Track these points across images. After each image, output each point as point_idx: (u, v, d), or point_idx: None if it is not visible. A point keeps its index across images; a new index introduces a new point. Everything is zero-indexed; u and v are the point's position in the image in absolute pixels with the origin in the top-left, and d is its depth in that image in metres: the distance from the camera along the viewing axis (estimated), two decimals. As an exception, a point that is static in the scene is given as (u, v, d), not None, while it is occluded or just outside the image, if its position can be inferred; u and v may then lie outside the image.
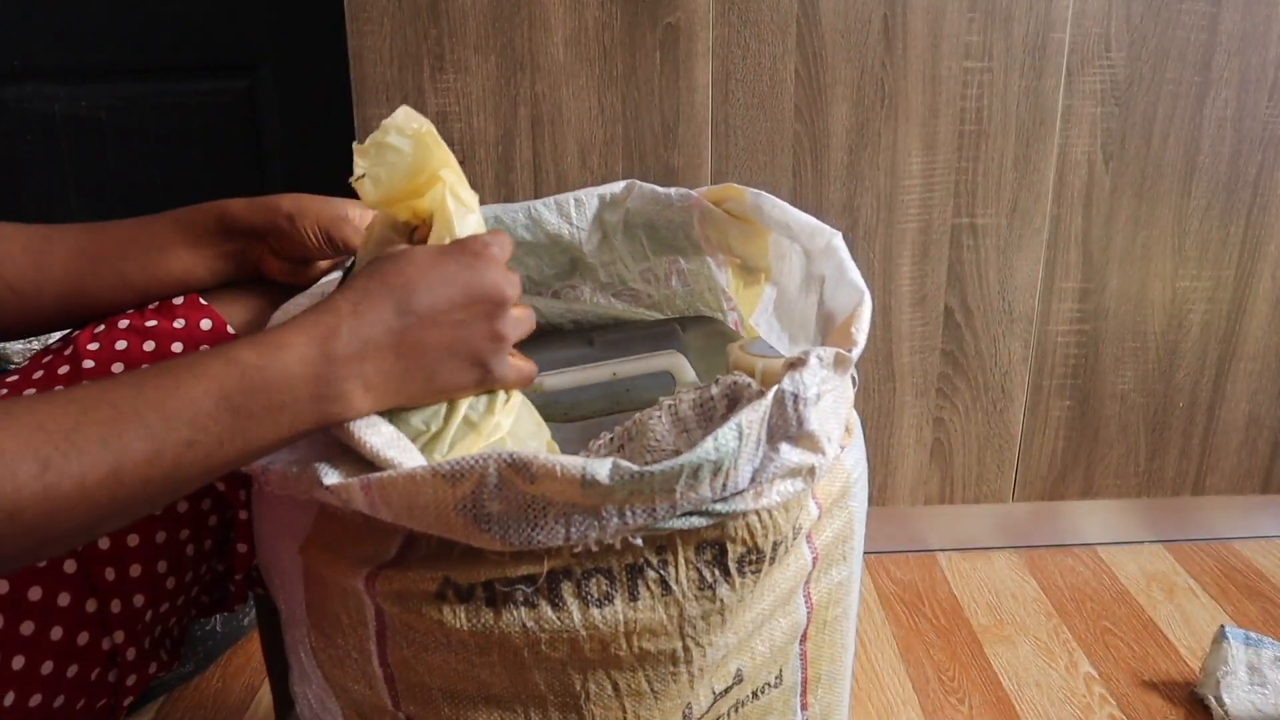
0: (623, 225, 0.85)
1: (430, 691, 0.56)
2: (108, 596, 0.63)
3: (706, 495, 0.52)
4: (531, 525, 0.51)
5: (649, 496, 0.50)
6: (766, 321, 0.83)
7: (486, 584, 0.53)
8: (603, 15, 1.19)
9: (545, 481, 0.50)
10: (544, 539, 0.51)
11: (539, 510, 0.50)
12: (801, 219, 0.75)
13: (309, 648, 0.60)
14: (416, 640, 0.55)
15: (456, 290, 0.55)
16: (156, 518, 0.66)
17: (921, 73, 1.23)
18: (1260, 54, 1.25)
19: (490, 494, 0.50)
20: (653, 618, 0.54)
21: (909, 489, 1.41)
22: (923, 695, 1.15)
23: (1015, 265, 1.31)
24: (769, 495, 0.54)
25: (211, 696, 1.14)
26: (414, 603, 0.54)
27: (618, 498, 0.50)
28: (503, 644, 0.53)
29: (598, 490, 0.49)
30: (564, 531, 0.51)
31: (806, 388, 0.54)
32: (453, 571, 0.53)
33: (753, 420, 0.52)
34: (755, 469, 0.53)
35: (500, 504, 0.50)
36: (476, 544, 0.51)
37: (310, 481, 0.52)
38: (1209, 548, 1.47)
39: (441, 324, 0.55)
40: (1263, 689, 1.09)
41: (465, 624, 0.53)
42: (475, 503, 0.50)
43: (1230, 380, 1.39)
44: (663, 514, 0.51)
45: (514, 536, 0.51)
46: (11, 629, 0.59)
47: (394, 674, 0.56)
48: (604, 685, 0.55)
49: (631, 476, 0.49)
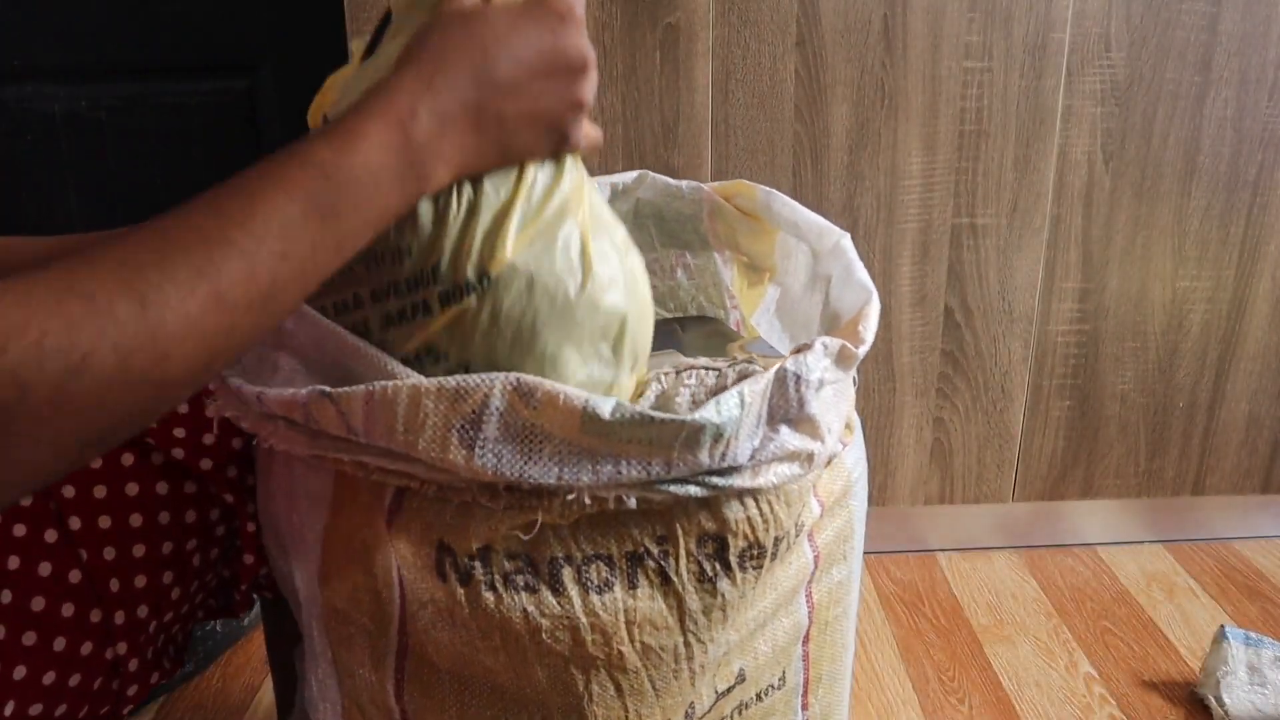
0: (633, 215, 0.85)
1: (438, 674, 0.56)
2: (112, 608, 0.63)
3: (704, 461, 0.52)
4: (525, 458, 0.50)
5: (646, 446, 0.50)
6: (768, 322, 0.83)
7: (484, 554, 0.53)
8: (603, 15, 1.19)
9: (547, 409, 0.49)
10: (536, 474, 0.50)
11: (536, 442, 0.50)
12: (810, 218, 0.75)
13: (323, 626, 0.60)
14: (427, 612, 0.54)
15: (539, 57, 0.51)
16: (163, 528, 0.65)
17: (921, 73, 1.23)
18: (1260, 54, 1.25)
19: (491, 416, 0.50)
20: (652, 608, 0.54)
21: (909, 489, 1.41)
22: (923, 695, 1.15)
23: (1015, 265, 1.31)
24: (766, 475, 0.54)
25: (211, 696, 1.14)
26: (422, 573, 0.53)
27: (616, 440, 0.50)
28: (504, 628, 0.53)
29: (597, 425, 0.49)
30: (557, 470, 0.50)
31: (809, 370, 0.54)
32: (447, 534, 0.53)
33: (755, 391, 0.52)
34: (754, 448, 0.53)
35: (499, 429, 0.50)
36: (467, 474, 0.51)
37: (310, 396, 0.52)
38: (1209, 548, 1.47)
39: (523, 94, 0.51)
40: (1263, 689, 1.09)
41: (466, 606, 0.53)
42: (474, 424, 0.50)
43: (1230, 380, 1.39)
44: (657, 471, 0.51)
45: (506, 467, 0.50)
46: (14, 639, 0.58)
47: (408, 644, 0.56)
48: (606, 686, 0.55)
49: (632, 416, 0.49)
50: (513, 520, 0.52)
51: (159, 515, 0.65)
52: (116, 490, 0.64)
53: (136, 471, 0.64)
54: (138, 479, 0.64)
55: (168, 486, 0.66)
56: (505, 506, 0.52)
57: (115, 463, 0.64)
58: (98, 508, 0.63)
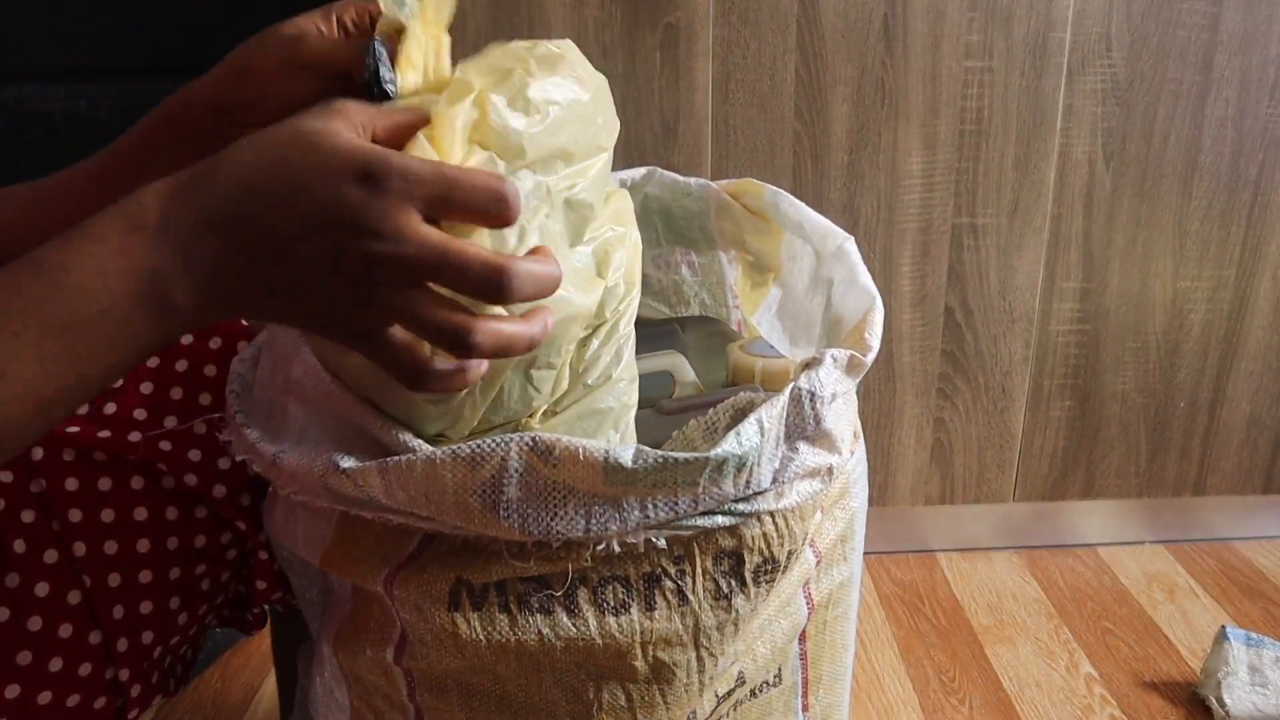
0: (640, 211, 0.85)
1: (445, 683, 0.56)
2: (115, 633, 0.61)
3: (729, 492, 0.51)
4: (551, 514, 0.49)
5: (672, 487, 0.49)
6: (769, 322, 0.83)
7: (500, 584, 0.52)
8: (603, 15, 1.19)
9: (567, 465, 0.49)
10: (563, 529, 0.50)
11: (559, 498, 0.49)
12: (815, 220, 0.74)
13: (330, 635, 0.60)
14: (433, 648, 0.54)
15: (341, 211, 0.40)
16: (172, 553, 0.64)
17: (922, 72, 1.23)
18: (1261, 53, 1.25)
19: (511, 479, 0.49)
20: (669, 628, 0.53)
21: (909, 489, 1.41)
22: (923, 696, 1.15)
23: (1015, 265, 1.31)
24: (789, 496, 0.54)
25: (211, 697, 1.14)
26: (430, 610, 0.53)
27: (641, 486, 0.49)
28: (519, 650, 0.53)
29: (621, 475, 0.48)
30: (584, 523, 0.50)
31: (823, 386, 0.54)
32: (467, 571, 0.52)
33: (773, 416, 0.52)
34: (776, 469, 0.53)
35: (520, 490, 0.49)
36: (493, 533, 0.50)
37: (326, 467, 0.51)
38: (1210, 548, 1.46)
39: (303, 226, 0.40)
40: (1264, 690, 1.09)
41: (481, 634, 0.52)
42: (495, 488, 0.49)
43: (1231, 380, 1.39)
44: (685, 509, 0.50)
45: (532, 525, 0.49)
46: (8, 658, 0.57)
47: (412, 674, 0.56)
48: (617, 696, 0.54)
49: (656, 462, 0.49)
50: (541, 569, 0.52)
51: (167, 541, 0.64)
52: (124, 515, 0.62)
53: (146, 496, 0.63)
54: (146, 503, 0.63)
55: (178, 511, 0.64)
56: (535, 561, 0.52)
57: (125, 486, 0.62)
58: (104, 532, 0.61)
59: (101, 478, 0.62)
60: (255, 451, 0.55)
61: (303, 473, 0.52)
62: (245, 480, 0.66)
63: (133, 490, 0.63)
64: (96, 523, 0.61)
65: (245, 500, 0.66)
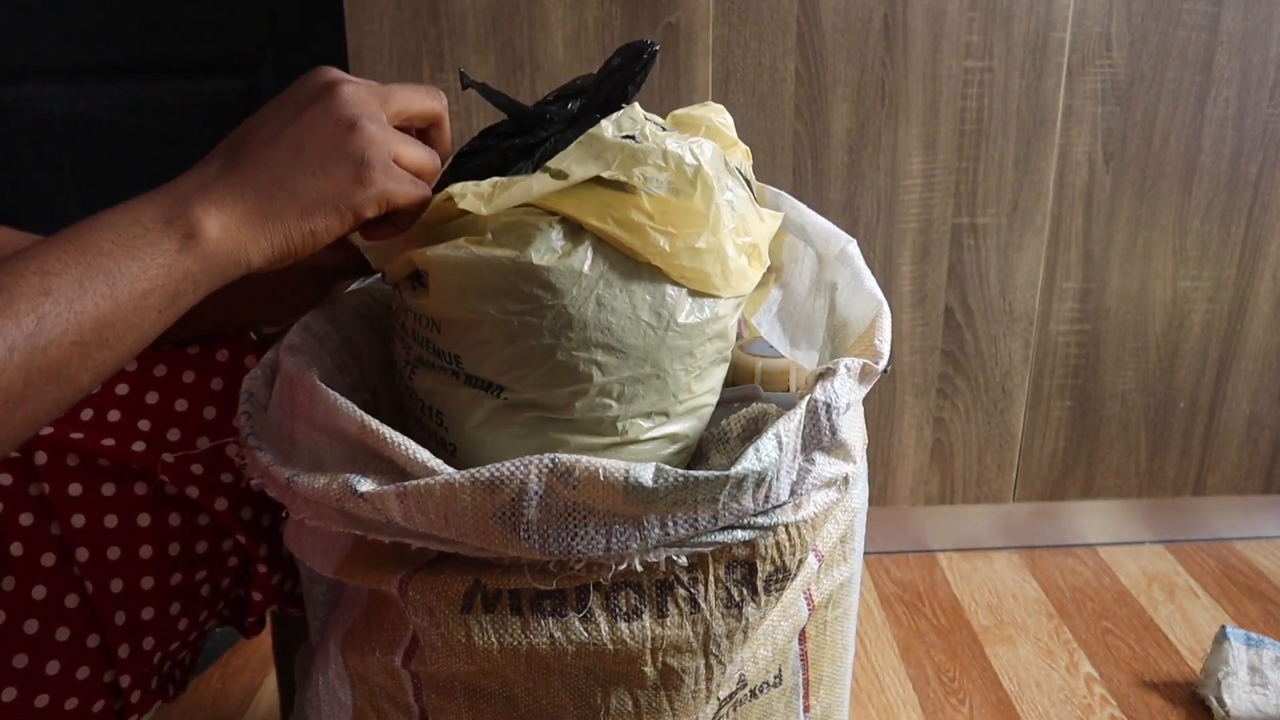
0: None
1: (452, 685, 0.56)
2: (116, 639, 0.61)
3: (749, 507, 0.51)
4: (571, 534, 0.49)
5: (692, 506, 0.50)
6: (769, 323, 0.83)
7: (514, 590, 0.52)
8: (603, 15, 1.19)
9: (587, 487, 0.48)
10: (584, 549, 0.50)
11: (579, 518, 0.49)
12: (817, 222, 0.74)
13: (339, 634, 0.59)
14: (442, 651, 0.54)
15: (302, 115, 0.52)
16: (173, 559, 0.64)
17: (922, 72, 1.23)
18: (1261, 53, 1.25)
19: (530, 502, 0.49)
20: (679, 635, 0.53)
21: (909, 489, 1.41)
22: (923, 696, 1.15)
23: (1016, 265, 1.31)
24: (807, 507, 0.54)
25: (211, 697, 1.14)
26: (442, 612, 0.53)
27: (661, 505, 0.49)
28: (529, 653, 0.53)
29: (642, 494, 0.48)
30: (604, 542, 0.50)
31: (838, 396, 0.54)
32: (485, 576, 0.52)
33: (790, 430, 0.52)
34: (794, 482, 0.53)
35: (540, 511, 0.49)
36: (514, 553, 0.50)
37: (343, 491, 0.50)
38: (1210, 548, 1.46)
39: (285, 144, 0.51)
40: (1264, 689, 1.09)
41: (493, 637, 0.52)
42: (514, 510, 0.49)
43: (1231, 380, 1.39)
44: (704, 525, 0.50)
45: (553, 546, 0.49)
46: (4, 662, 0.57)
47: (419, 677, 0.56)
48: (624, 702, 0.54)
49: (676, 481, 0.49)
50: (562, 585, 0.52)
51: (169, 546, 0.64)
52: (127, 521, 0.62)
53: (149, 502, 0.63)
54: (149, 509, 0.63)
55: (180, 518, 0.64)
56: (556, 580, 0.52)
57: (128, 492, 0.62)
58: (107, 538, 0.61)
59: (105, 483, 0.62)
60: (269, 475, 0.55)
61: (318, 498, 0.52)
62: (248, 494, 0.66)
63: (136, 496, 0.63)
64: (99, 528, 0.61)
65: (247, 514, 0.66)
